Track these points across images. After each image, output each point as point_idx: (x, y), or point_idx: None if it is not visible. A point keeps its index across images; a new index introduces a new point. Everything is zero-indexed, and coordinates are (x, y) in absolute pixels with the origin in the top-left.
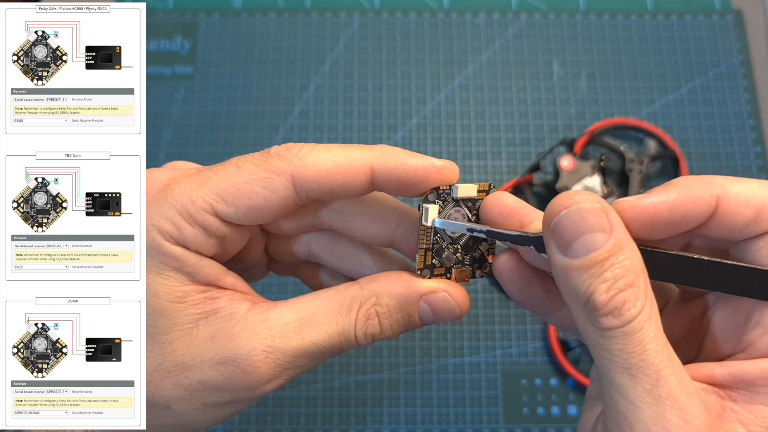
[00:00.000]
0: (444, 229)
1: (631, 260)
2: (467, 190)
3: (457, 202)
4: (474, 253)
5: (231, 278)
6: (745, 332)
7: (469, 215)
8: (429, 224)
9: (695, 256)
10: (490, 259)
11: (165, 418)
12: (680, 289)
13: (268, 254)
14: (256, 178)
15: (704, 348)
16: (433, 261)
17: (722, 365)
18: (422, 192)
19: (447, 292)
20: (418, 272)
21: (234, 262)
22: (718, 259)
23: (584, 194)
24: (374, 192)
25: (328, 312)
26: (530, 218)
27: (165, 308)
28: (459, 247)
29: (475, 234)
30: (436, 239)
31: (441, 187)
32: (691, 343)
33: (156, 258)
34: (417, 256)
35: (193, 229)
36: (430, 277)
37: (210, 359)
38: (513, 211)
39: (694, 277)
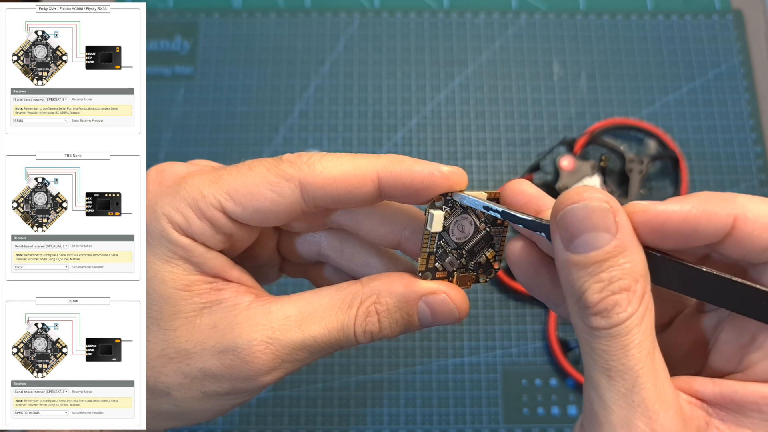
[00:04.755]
0: (449, 235)
1: (633, 264)
2: (476, 198)
3: (465, 209)
4: (479, 259)
5: (237, 272)
6: (747, 353)
7: (477, 222)
8: (433, 230)
9: (704, 269)
10: (495, 265)
11: (165, 405)
12: (696, 301)
13: (280, 254)
14: (265, 181)
15: (709, 362)
16: (436, 265)
17: (715, 383)
18: (430, 198)
19: (446, 294)
20: (420, 275)
21: (247, 260)
22: (727, 276)
23: (594, 191)
24: None
25: (329, 308)
26: (546, 207)
27: (171, 295)
28: (464, 252)
29: (491, 213)
30: (440, 244)
31: (449, 194)
32: (699, 356)
33: (165, 246)
34: (420, 259)
35: (201, 223)
36: (431, 280)
37: (211, 347)
38: (531, 199)
39: (701, 290)
